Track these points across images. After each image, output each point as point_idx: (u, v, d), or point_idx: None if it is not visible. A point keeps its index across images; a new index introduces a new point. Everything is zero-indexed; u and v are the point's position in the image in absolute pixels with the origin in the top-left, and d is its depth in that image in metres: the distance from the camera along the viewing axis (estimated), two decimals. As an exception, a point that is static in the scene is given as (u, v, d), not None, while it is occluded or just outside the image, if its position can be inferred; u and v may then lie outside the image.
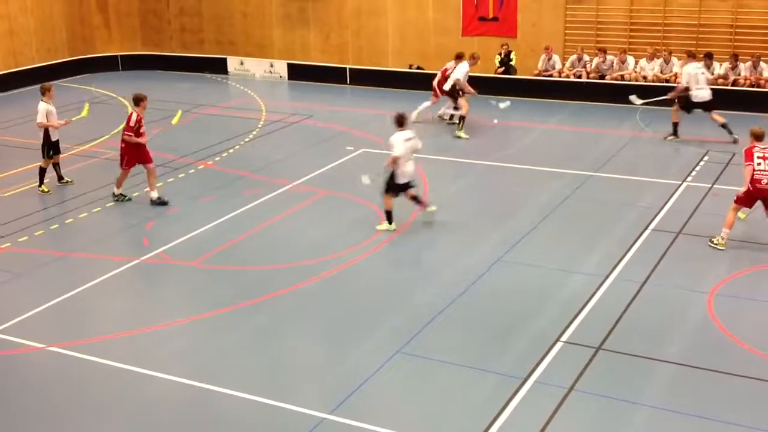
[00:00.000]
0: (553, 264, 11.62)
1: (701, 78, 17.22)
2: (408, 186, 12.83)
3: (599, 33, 21.94)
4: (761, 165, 11.87)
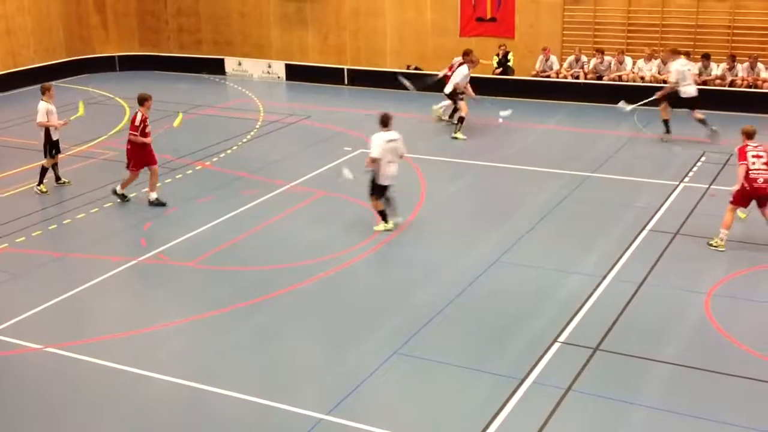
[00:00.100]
0: (551, 264, 11.63)
1: (688, 75, 17.38)
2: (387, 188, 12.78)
3: (597, 34, 21.96)
4: (756, 164, 11.88)
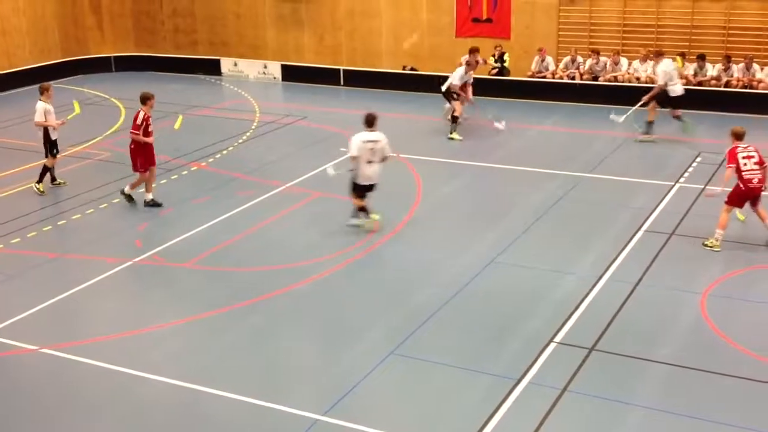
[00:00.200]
0: (547, 265, 11.64)
1: (675, 74, 17.51)
2: (369, 189, 12.76)
3: (592, 34, 21.99)
4: (747, 165, 11.92)
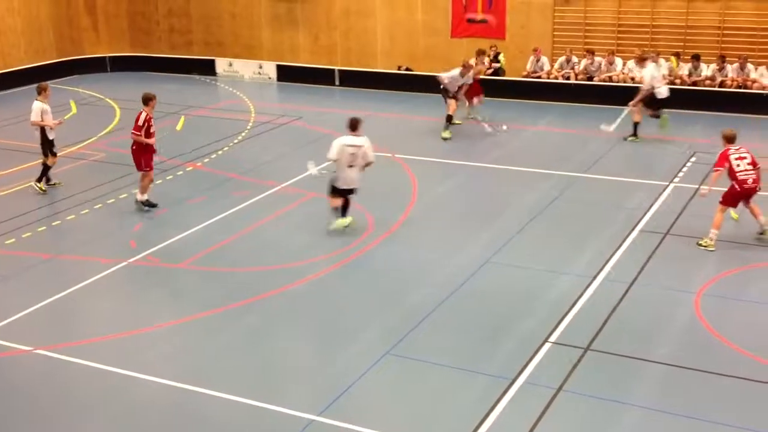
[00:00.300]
0: (542, 265, 11.65)
1: (659, 77, 17.74)
2: (348, 192, 12.74)
3: (587, 35, 22.01)
4: (741, 165, 11.97)
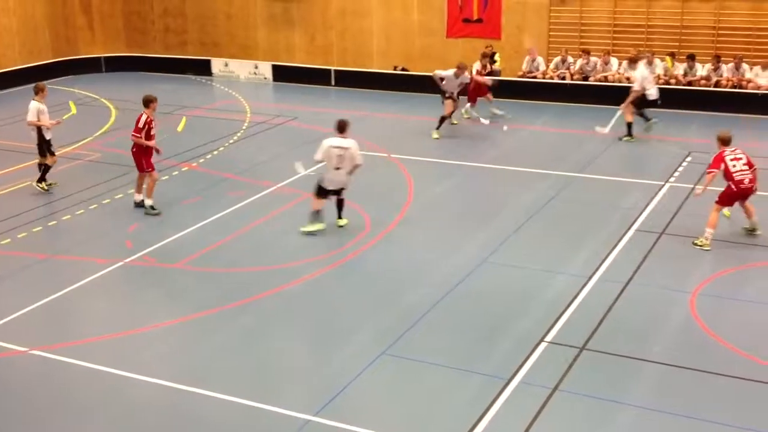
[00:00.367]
0: (538, 265, 11.66)
1: (650, 78, 17.87)
2: (335, 192, 12.79)
3: (583, 35, 22.04)
4: (736, 166, 12.01)
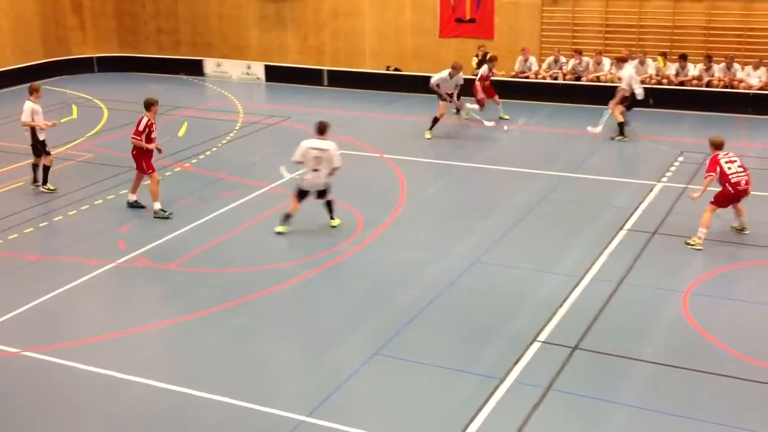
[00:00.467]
0: (530, 264, 11.68)
1: (637, 78, 18.07)
2: (319, 195, 12.78)
3: (575, 35, 22.09)
4: (732, 168, 12.06)
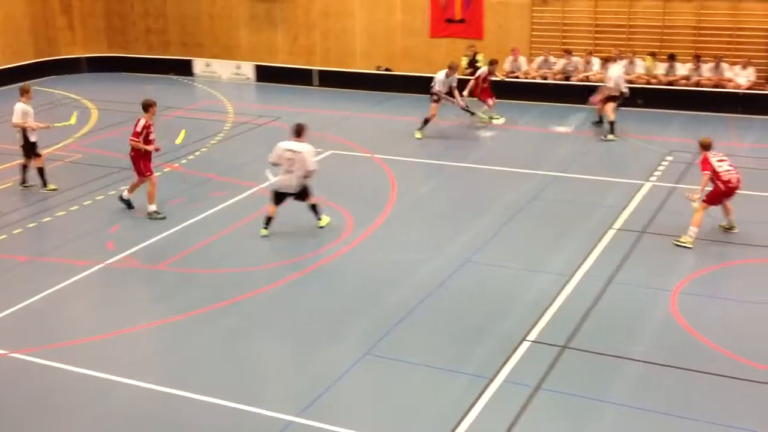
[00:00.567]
0: (520, 264, 11.70)
1: (623, 77, 18.29)
2: (297, 197, 12.72)
3: (565, 35, 22.14)
4: (722, 166, 12.13)
